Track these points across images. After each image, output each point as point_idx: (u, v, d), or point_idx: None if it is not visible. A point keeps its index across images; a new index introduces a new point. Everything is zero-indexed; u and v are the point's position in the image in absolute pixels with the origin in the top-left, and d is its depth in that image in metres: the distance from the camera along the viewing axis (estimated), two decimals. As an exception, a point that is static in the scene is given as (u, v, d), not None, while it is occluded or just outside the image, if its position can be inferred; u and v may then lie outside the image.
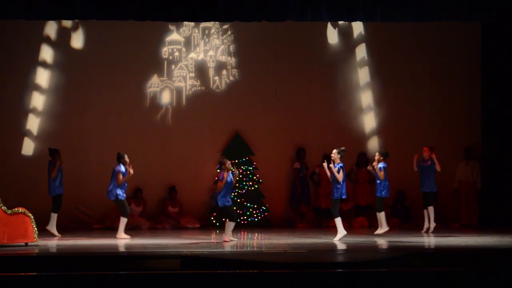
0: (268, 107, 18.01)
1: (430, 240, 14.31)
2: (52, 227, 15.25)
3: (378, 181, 14.98)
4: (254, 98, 18.04)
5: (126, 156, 15.02)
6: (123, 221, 14.92)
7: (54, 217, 15.32)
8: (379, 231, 14.94)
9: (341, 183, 14.28)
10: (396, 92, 18.23)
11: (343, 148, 14.63)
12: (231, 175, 14.23)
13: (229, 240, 14.02)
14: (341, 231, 14.30)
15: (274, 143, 17.96)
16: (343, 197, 14.41)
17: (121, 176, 14.83)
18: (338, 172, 14.26)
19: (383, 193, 14.96)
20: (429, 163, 15.85)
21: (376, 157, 15.04)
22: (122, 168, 14.89)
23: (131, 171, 14.95)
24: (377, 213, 15.09)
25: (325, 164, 14.52)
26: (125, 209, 14.99)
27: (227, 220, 14.26)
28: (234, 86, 18.12)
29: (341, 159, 14.43)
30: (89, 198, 17.11)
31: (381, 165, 14.89)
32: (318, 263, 10.90)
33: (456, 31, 17.88)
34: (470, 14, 14.68)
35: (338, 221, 14.36)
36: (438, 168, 15.80)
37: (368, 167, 15.17)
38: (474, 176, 17.77)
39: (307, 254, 12.23)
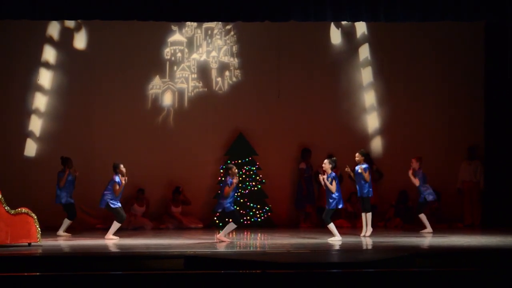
0: (271, 107, 18.02)
1: (433, 240, 14.29)
2: (60, 230, 15.38)
3: (362, 182, 14.94)
4: (257, 98, 18.04)
5: (122, 166, 14.86)
6: (116, 225, 14.81)
7: (66, 222, 15.47)
8: (366, 233, 14.96)
9: (336, 193, 14.21)
10: (399, 92, 18.23)
11: (334, 158, 14.64)
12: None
13: (224, 241, 14.04)
14: (336, 233, 14.31)
15: (277, 144, 17.96)
16: (339, 206, 14.36)
17: (117, 187, 14.76)
18: (331, 183, 14.21)
19: (370, 193, 14.95)
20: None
21: (357, 158, 14.97)
22: (117, 179, 14.80)
23: (123, 180, 14.77)
24: (364, 213, 15.09)
25: (320, 176, 14.47)
26: (119, 216, 14.77)
27: (231, 221, 14.25)
28: (237, 87, 18.11)
29: (333, 169, 14.38)
30: (92, 198, 17.08)
31: (364, 166, 14.88)
32: (321, 263, 10.89)
33: (460, 31, 17.88)
34: (473, 14, 14.68)
35: (332, 226, 14.35)
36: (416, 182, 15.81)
37: (346, 169, 15.03)
38: (478, 176, 17.76)
39: (310, 254, 12.23)
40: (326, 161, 14.41)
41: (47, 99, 17.68)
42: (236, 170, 14.33)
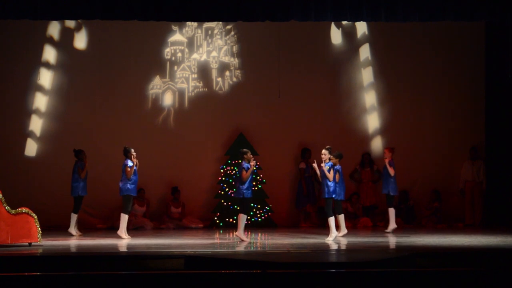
0: (272, 107, 18.01)
1: (434, 240, 14.29)
2: (71, 228, 15.34)
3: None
4: (257, 98, 18.04)
5: (132, 150, 14.95)
6: (124, 218, 14.86)
7: (73, 217, 15.42)
8: (340, 233, 14.89)
9: (332, 182, 14.37)
10: (400, 92, 18.23)
11: (329, 146, 14.68)
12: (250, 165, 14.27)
13: (244, 240, 14.04)
14: (334, 231, 14.33)
15: (278, 144, 17.96)
16: (333, 195, 14.42)
17: (128, 169, 14.81)
18: (329, 171, 14.34)
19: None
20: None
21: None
22: (129, 163, 14.87)
23: (135, 161, 14.89)
24: (338, 215, 15.03)
25: (314, 165, 14.54)
26: (127, 206, 14.91)
27: (240, 214, 14.22)
28: (237, 87, 18.11)
29: (332, 158, 14.51)
30: (93, 198, 17.06)
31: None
32: (321, 263, 10.89)
33: (460, 31, 17.89)
34: (473, 14, 14.67)
35: (331, 220, 14.37)
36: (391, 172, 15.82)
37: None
38: (481, 176, 17.74)
39: (311, 254, 12.23)
40: (324, 151, 14.53)
41: (48, 99, 17.68)
42: (252, 156, 14.36)
